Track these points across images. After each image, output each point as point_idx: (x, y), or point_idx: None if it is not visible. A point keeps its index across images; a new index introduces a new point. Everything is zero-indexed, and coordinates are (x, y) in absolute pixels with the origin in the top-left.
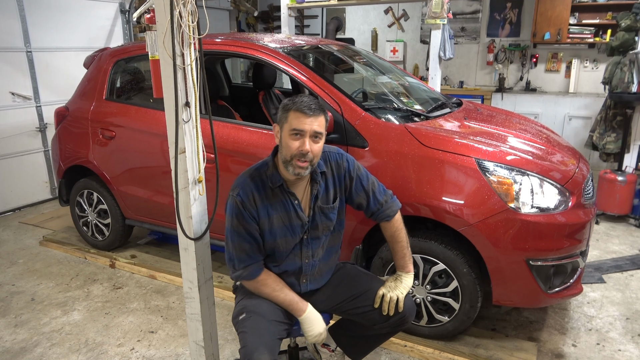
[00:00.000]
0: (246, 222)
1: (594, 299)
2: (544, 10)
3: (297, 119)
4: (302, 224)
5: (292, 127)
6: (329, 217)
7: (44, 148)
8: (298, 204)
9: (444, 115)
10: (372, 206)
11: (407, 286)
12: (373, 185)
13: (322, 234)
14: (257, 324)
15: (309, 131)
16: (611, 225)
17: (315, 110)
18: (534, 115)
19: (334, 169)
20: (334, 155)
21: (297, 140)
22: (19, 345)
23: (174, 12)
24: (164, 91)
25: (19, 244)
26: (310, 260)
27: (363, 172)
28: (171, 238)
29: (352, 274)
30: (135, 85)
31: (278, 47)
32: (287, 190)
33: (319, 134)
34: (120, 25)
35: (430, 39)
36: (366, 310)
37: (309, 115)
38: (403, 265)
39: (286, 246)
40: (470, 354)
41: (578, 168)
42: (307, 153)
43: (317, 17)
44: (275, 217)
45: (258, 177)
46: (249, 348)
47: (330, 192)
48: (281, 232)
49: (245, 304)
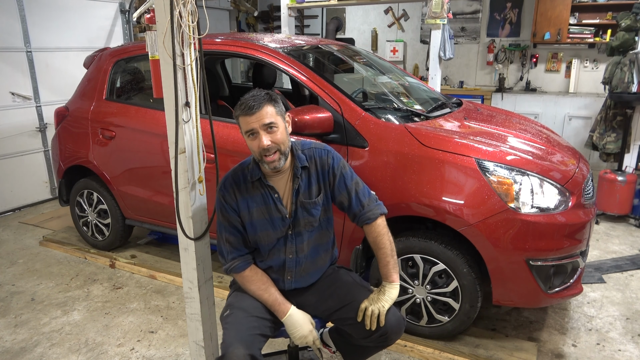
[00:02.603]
0: (229, 214)
1: (594, 299)
2: (544, 10)
3: (244, 122)
4: (281, 217)
5: (244, 130)
6: (311, 212)
7: (44, 148)
8: (278, 197)
9: (444, 115)
10: (353, 207)
11: (391, 298)
12: (357, 186)
13: (304, 229)
14: (237, 320)
15: (259, 127)
16: (611, 225)
17: (256, 106)
18: (534, 115)
19: (317, 165)
20: (320, 151)
21: (254, 139)
22: (19, 345)
23: (174, 12)
24: (164, 91)
25: (19, 244)
26: (294, 255)
27: (348, 172)
28: (171, 238)
29: (343, 280)
30: (135, 85)
31: (278, 47)
32: (266, 184)
33: (270, 124)
34: (120, 25)
35: (430, 39)
36: (351, 323)
37: (250, 113)
38: (386, 275)
39: (268, 239)
40: (470, 354)
41: (578, 168)
42: (268, 147)
43: (317, 17)
44: (255, 210)
45: (240, 172)
46: (226, 343)
47: (313, 187)
48: (261, 225)
49: (231, 301)
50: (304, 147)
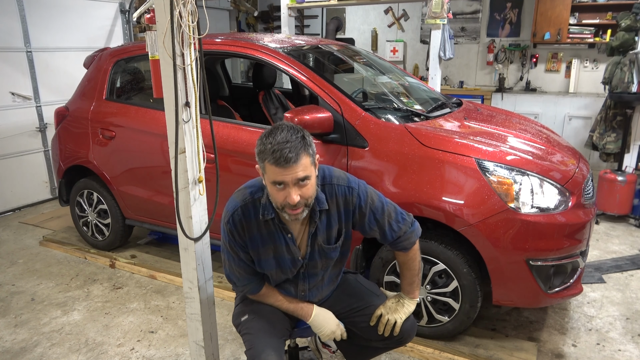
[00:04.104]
0: (237, 250)
1: (594, 299)
2: (544, 10)
3: (273, 172)
4: (293, 259)
5: (271, 179)
6: (329, 255)
7: (44, 148)
8: (291, 238)
9: (444, 115)
10: (388, 239)
11: (409, 312)
12: (389, 217)
13: (320, 270)
14: (262, 326)
15: (291, 181)
16: (611, 225)
17: (293, 158)
18: (534, 115)
19: (340, 205)
20: (343, 189)
21: (281, 191)
22: (19, 345)
23: (174, 12)
24: (164, 91)
25: (19, 244)
26: (306, 292)
27: (377, 204)
28: (171, 238)
29: (353, 285)
30: (135, 85)
31: (278, 47)
32: (279, 225)
33: (304, 178)
34: (120, 25)
35: (430, 39)
36: (363, 326)
37: (284, 166)
38: (409, 291)
39: (277, 277)
40: (470, 354)
41: (578, 168)
42: (296, 203)
43: (317, 17)
44: (265, 249)
45: (251, 203)
46: (257, 350)
47: (334, 229)
48: (270, 264)
49: (247, 304)
50: (324, 180)
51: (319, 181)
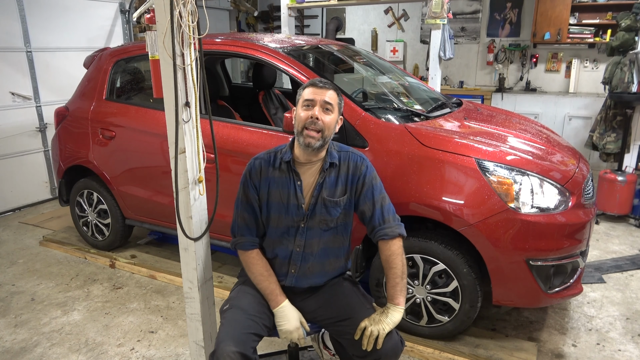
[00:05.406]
0: (249, 191)
1: (594, 299)
2: (544, 10)
3: (308, 92)
4: (297, 206)
5: (303, 99)
6: (330, 211)
7: (44, 148)
8: (299, 185)
9: (444, 115)
10: (375, 219)
11: (393, 322)
12: (383, 200)
13: (318, 227)
14: (234, 317)
15: (319, 101)
16: (611, 225)
17: (326, 84)
18: (534, 115)
19: (350, 168)
20: (355, 156)
21: (308, 110)
22: (19, 345)
23: (174, 12)
24: (164, 91)
25: (19, 244)
26: (301, 250)
27: (378, 184)
28: (171, 238)
29: (346, 293)
30: (135, 85)
31: (278, 47)
32: (292, 168)
33: (329, 104)
34: (120, 25)
35: (430, 39)
36: (348, 338)
37: (319, 87)
38: (393, 296)
39: (278, 224)
40: (470, 354)
41: (578, 168)
42: (317, 120)
43: (317, 17)
44: (274, 192)
45: (273, 152)
46: (219, 339)
47: (339, 187)
48: (276, 207)
49: (233, 296)
50: (342, 148)
51: (336, 147)
